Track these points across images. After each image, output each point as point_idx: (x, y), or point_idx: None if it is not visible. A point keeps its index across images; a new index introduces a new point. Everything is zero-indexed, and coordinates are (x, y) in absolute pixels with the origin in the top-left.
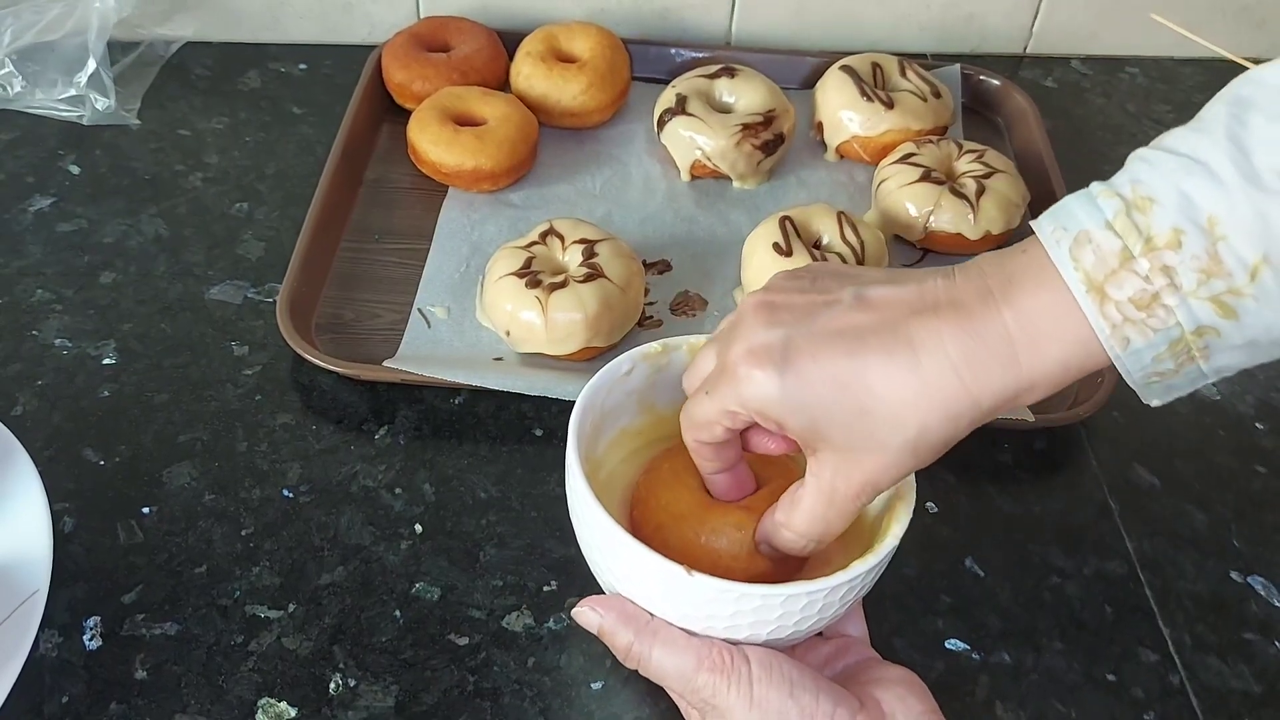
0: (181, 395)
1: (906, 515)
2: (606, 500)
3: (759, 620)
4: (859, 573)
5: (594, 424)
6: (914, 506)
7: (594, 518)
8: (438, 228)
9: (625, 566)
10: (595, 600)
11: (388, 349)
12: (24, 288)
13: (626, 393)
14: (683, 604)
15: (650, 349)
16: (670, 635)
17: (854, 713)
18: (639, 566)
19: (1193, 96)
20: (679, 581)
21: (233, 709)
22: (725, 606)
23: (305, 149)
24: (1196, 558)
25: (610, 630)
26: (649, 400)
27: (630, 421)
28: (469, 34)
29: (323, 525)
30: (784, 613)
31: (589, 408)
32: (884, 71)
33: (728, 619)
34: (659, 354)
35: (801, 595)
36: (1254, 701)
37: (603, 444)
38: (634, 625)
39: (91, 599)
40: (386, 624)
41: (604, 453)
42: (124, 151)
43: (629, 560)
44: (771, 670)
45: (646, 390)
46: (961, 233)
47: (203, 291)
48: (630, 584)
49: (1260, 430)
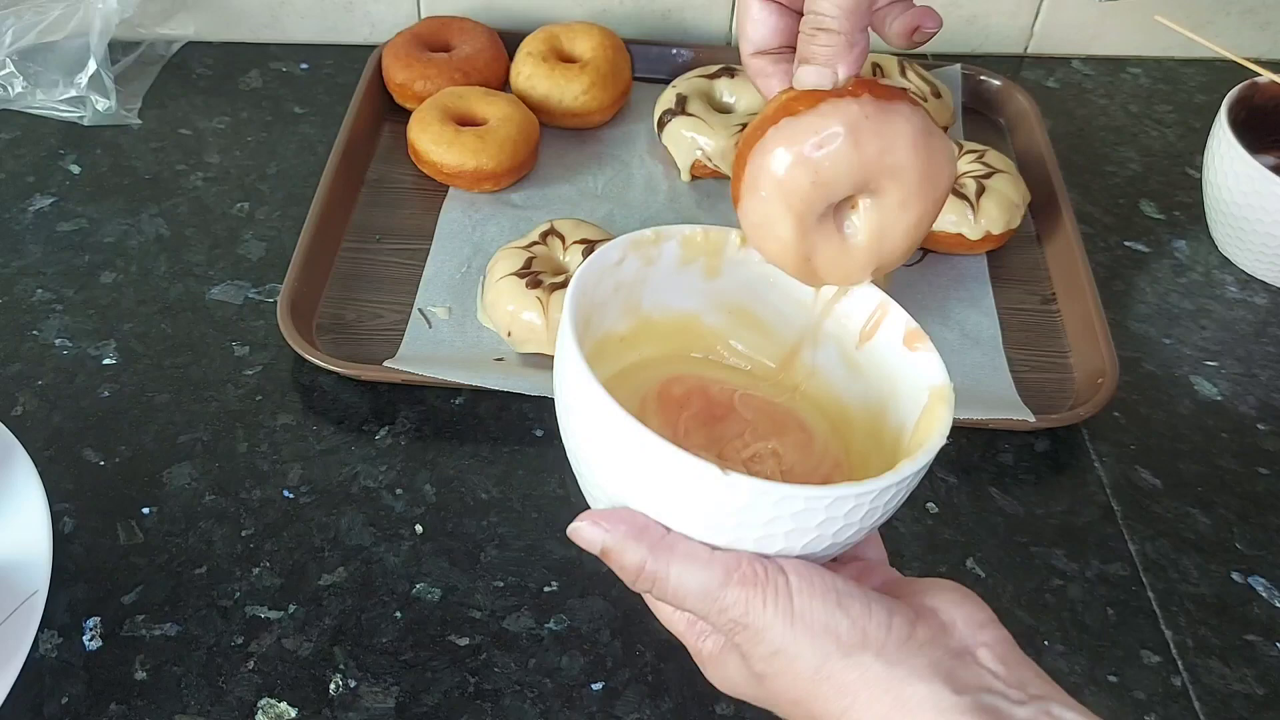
0: (182, 395)
1: (947, 419)
2: None
3: (796, 529)
4: (908, 474)
5: (583, 318)
6: (953, 408)
7: (597, 406)
8: (438, 228)
9: (637, 468)
10: (598, 513)
11: (389, 349)
12: (24, 287)
13: (614, 287)
14: (711, 512)
15: (641, 235)
16: (691, 549)
17: (911, 622)
18: (658, 467)
19: (1194, 97)
20: (710, 483)
21: (233, 710)
22: (761, 512)
23: (306, 149)
24: (1199, 559)
25: (617, 547)
26: (634, 300)
27: (615, 324)
28: (470, 34)
29: (323, 526)
30: (826, 518)
31: (581, 294)
32: (884, 71)
33: (761, 528)
34: (651, 243)
35: (850, 497)
36: (1256, 703)
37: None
38: (647, 539)
39: (91, 599)
40: (387, 625)
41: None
42: (125, 151)
43: (644, 459)
44: (813, 581)
45: (634, 286)
46: (962, 233)
47: (203, 291)
48: (643, 492)
49: (1262, 432)
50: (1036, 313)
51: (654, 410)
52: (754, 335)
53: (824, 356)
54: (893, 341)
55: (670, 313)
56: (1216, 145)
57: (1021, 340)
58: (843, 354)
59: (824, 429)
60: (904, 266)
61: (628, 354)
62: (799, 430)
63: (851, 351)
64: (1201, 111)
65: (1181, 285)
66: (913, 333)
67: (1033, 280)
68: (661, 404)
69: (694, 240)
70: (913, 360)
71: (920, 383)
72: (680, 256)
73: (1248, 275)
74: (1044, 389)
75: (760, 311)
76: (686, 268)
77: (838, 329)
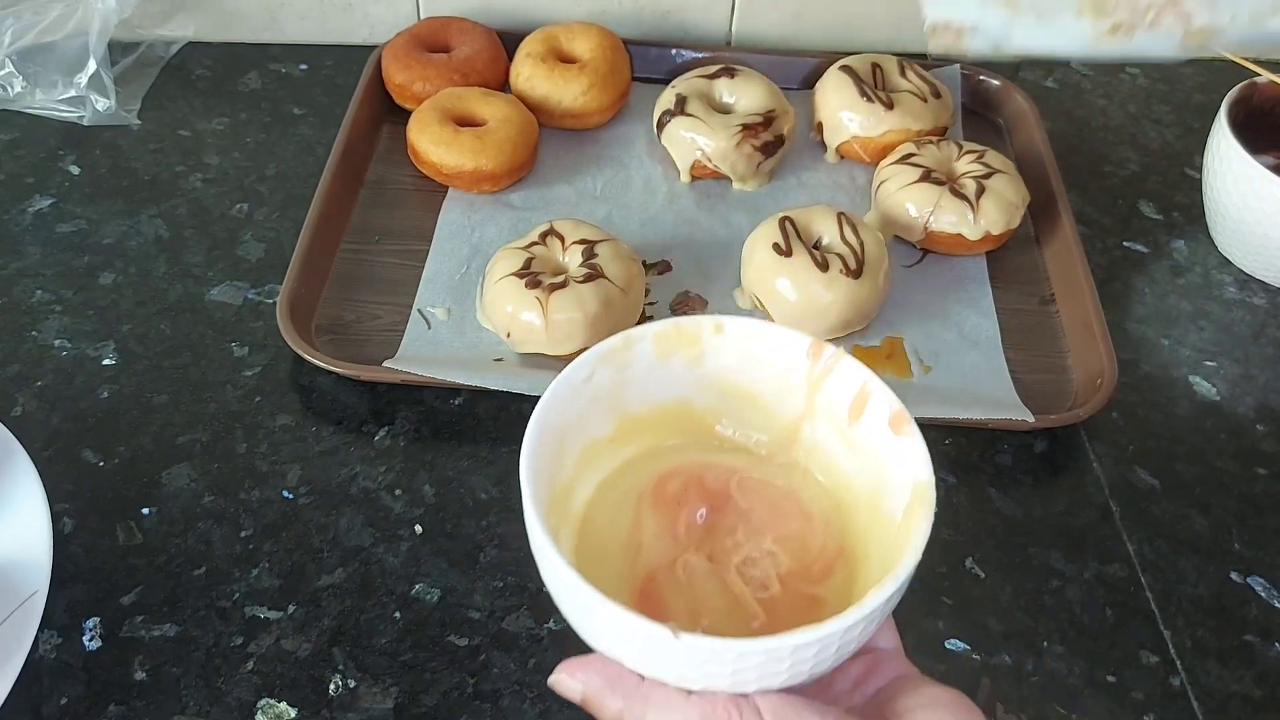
0: (181, 396)
1: (925, 528)
2: (585, 529)
3: (766, 674)
4: (874, 605)
5: (554, 446)
6: (933, 515)
7: (558, 573)
8: (438, 229)
9: (601, 628)
10: (574, 664)
11: (388, 350)
12: (23, 288)
13: (589, 401)
14: (677, 665)
15: (610, 345)
16: (666, 696)
17: None
18: (617, 629)
19: (1193, 97)
20: (667, 645)
21: (232, 710)
22: (724, 665)
23: (305, 150)
24: (1197, 560)
25: (595, 697)
26: (617, 403)
27: (598, 430)
28: (469, 35)
29: (322, 526)
30: (794, 662)
31: (544, 429)
32: (884, 72)
33: (729, 676)
34: (621, 350)
35: (812, 643)
36: (1255, 704)
37: (570, 463)
38: (622, 688)
39: (91, 600)
40: (386, 625)
41: (574, 473)
42: (124, 152)
43: (604, 621)
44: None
45: (613, 393)
46: (962, 233)
47: (203, 292)
48: (611, 647)
49: (1260, 432)
50: (1035, 313)
51: (649, 512)
52: (748, 412)
53: (822, 431)
54: (879, 424)
55: (658, 405)
56: (1216, 146)
57: (1020, 341)
58: (838, 431)
59: (826, 509)
60: (903, 267)
61: (619, 452)
62: (798, 517)
63: (845, 429)
64: (1200, 112)
65: (1180, 286)
66: (897, 415)
67: (1032, 281)
68: (657, 505)
69: (667, 336)
70: (898, 446)
71: (905, 474)
72: (656, 354)
73: (1247, 275)
74: (1043, 389)
75: (752, 388)
76: (666, 360)
77: (829, 406)
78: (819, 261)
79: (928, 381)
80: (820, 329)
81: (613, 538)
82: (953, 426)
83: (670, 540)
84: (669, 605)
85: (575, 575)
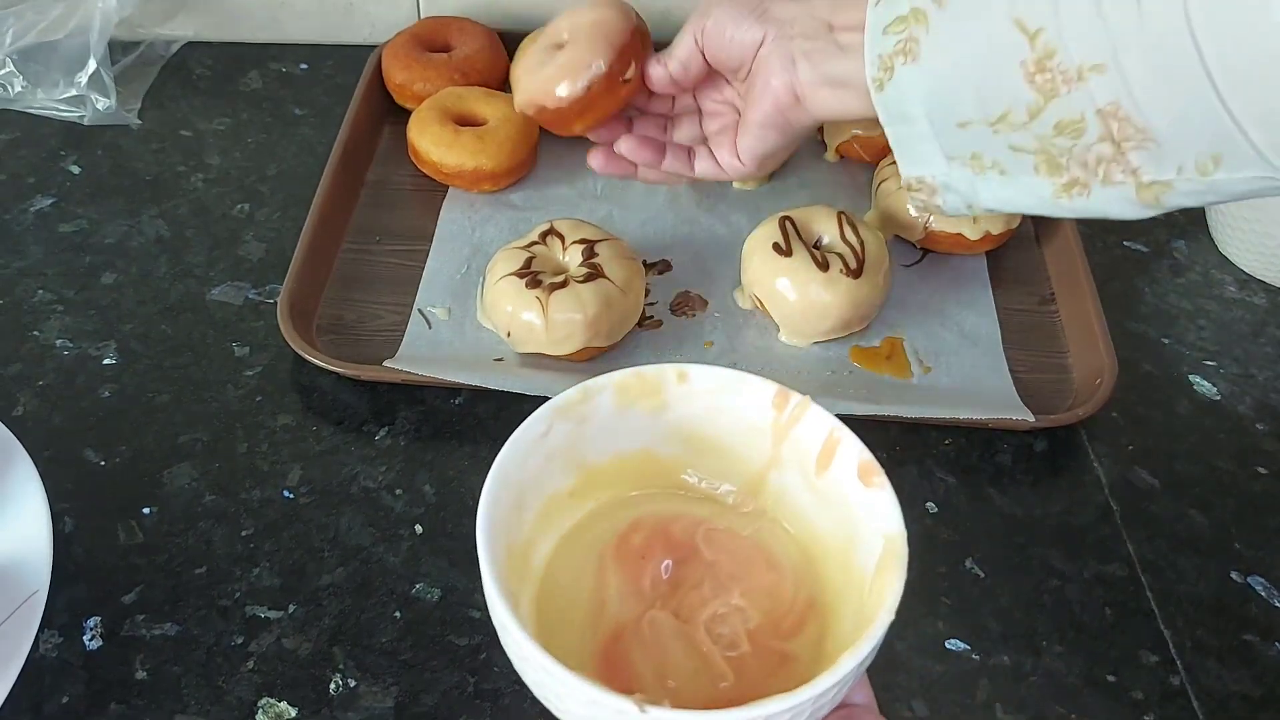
0: (182, 396)
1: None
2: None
3: None
4: (847, 669)
5: (513, 504)
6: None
7: (519, 645)
8: (438, 228)
9: (567, 699)
10: None
11: (388, 350)
12: (25, 288)
13: (547, 456)
14: None
15: (567, 398)
16: None
17: None
18: (583, 701)
19: None
20: (631, 718)
21: (233, 710)
22: None
23: (306, 149)
24: (1197, 560)
25: None
26: (577, 456)
27: (558, 484)
28: (470, 34)
29: (323, 526)
30: None
31: (502, 487)
32: None
33: None
34: (579, 402)
35: (783, 712)
36: (1255, 703)
37: (528, 520)
38: None
39: (91, 599)
40: (386, 625)
41: (534, 529)
42: (125, 152)
43: (570, 693)
44: None
45: (571, 445)
46: (962, 233)
47: (204, 292)
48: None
49: (1260, 432)
50: (1035, 313)
51: (613, 567)
52: (713, 461)
53: (790, 480)
54: (848, 474)
55: (620, 455)
56: None
57: (1020, 340)
58: (806, 480)
59: (795, 561)
60: (903, 266)
61: (581, 505)
62: (766, 570)
63: (813, 479)
64: None
65: (1180, 285)
66: (866, 466)
67: (1032, 280)
68: (620, 560)
69: (628, 386)
70: (869, 499)
71: (876, 526)
72: (617, 404)
73: (1247, 275)
74: (1043, 389)
75: (716, 437)
76: (627, 410)
77: (797, 455)
78: (819, 261)
79: (928, 381)
80: (820, 329)
81: (576, 594)
82: (953, 426)
83: (635, 596)
84: (635, 666)
85: (536, 649)
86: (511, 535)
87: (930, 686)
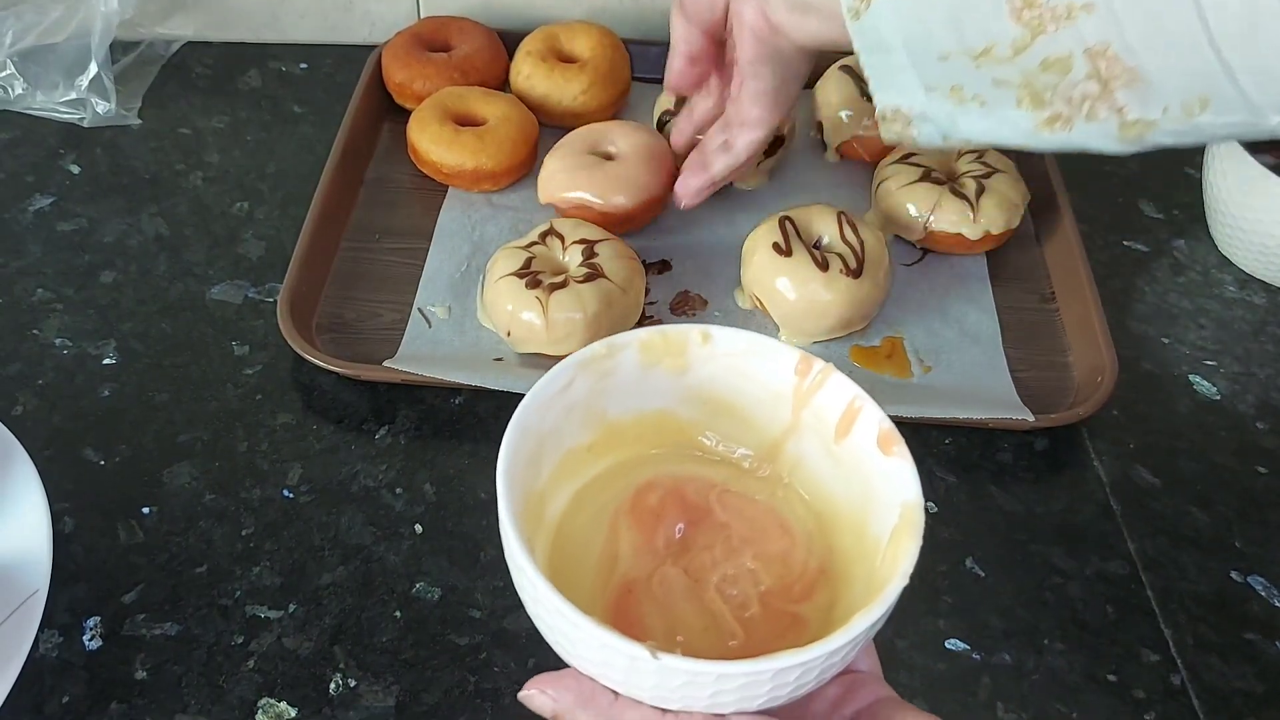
0: (182, 395)
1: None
2: (560, 538)
3: (745, 696)
4: (860, 630)
5: (531, 453)
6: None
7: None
8: (438, 227)
9: (576, 645)
10: (546, 680)
11: (388, 349)
12: (24, 287)
13: (567, 408)
14: (654, 685)
15: (592, 352)
16: (639, 716)
17: None
18: (593, 647)
19: None
20: (645, 665)
21: (233, 709)
22: (703, 687)
23: (306, 148)
24: (1198, 558)
25: (566, 715)
26: (597, 411)
27: (577, 438)
28: (469, 34)
29: (323, 525)
30: (775, 685)
31: (523, 436)
32: None
33: (708, 698)
34: (604, 357)
35: (794, 667)
36: (1255, 701)
37: (545, 473)
38: (595, 706)
39: (91, 599)
40: (387, 624)
41: (551, 481)
42: (124, 151)
43: (580, 639)
44: None
45: (592, 400)
46: (962, 233)
47: (203, 291)
48: (587, 665)
49: (1261, 430)
50: (1036, 312)
51: (627, 527)
52: (731, 425)
53: (808, 447)
54: (868, 442)
55: (639, 414)
56: (1216, 145)
57: (1021, 339)
58: (825, 447)
59: (808, 527)
60: (904, 265)
61: (598, 461)
62: (779, 535)
63: (832, 446)
64: None
65: (1180, 284)
66: (886, 435)
67: (1032, 279)
68: (635, 518)
69: (653, 345)
70: (887, 467)
71: (894, 495)
72: (640, 362)
73: (1246, 275)
74: (1043, 388)
75: (736, 401)
76: (650, 370)
77: (816, 422)
78: (819, 261)
79: (928, 381)
80: (820, 328)
81: (589, 548)
82: (953, 425)
83: (648, 553)
84: (645, 620)
85: (550, 590)
86: (529, 484)
87: (931, 685)
